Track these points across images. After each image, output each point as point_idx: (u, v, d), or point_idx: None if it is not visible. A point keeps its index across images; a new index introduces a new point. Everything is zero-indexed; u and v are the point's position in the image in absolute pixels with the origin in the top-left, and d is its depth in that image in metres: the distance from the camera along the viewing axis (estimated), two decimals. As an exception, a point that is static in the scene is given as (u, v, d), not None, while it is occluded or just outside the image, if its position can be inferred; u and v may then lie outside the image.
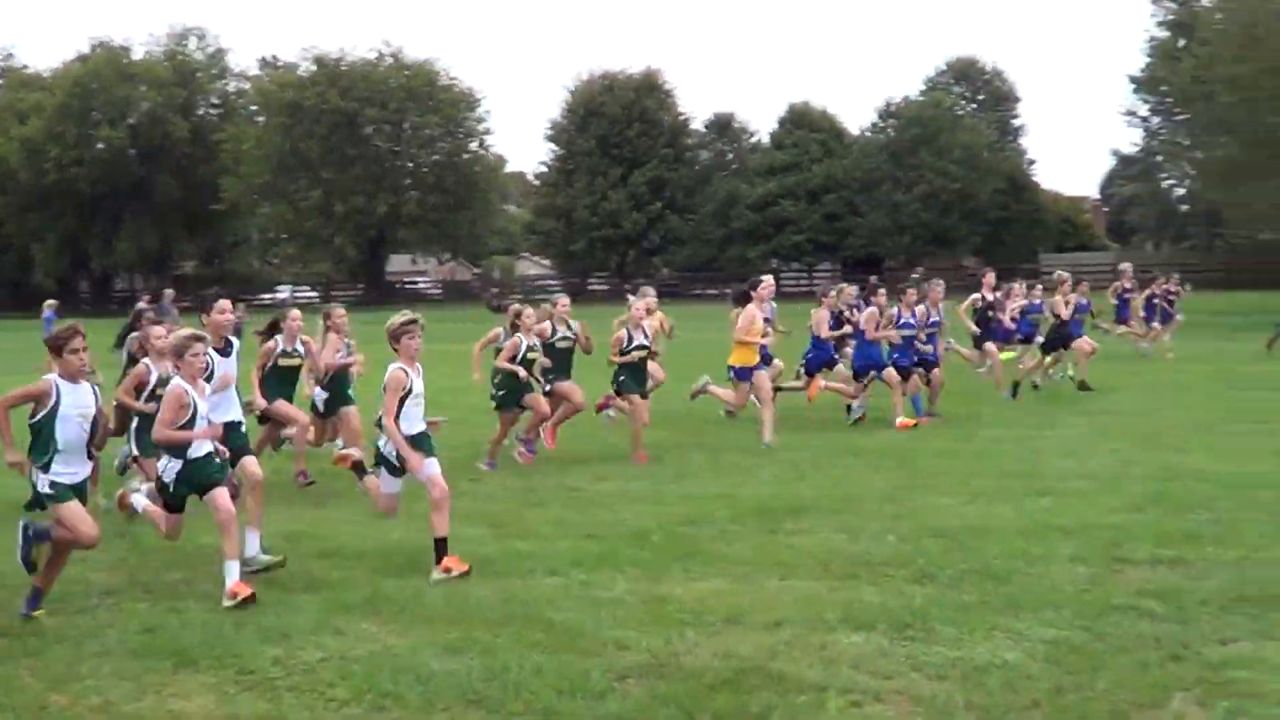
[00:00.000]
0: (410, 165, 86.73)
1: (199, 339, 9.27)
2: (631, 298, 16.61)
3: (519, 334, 14.94)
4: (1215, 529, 10.24)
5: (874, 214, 77.81)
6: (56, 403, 8.46)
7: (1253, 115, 49.92)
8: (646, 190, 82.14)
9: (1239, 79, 48.53)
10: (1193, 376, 22.06)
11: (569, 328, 15.86)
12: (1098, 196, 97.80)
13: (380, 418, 9.82)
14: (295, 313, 14.10)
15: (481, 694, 6.77)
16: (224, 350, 10.97)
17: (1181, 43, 63.20)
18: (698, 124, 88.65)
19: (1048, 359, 22.20)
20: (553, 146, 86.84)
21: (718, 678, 6.89)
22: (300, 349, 13.94)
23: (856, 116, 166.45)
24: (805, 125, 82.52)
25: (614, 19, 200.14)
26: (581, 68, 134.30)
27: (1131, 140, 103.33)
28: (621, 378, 15.62)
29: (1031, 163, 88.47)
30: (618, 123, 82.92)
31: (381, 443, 9.91)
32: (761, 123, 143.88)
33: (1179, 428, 16.81)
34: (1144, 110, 74.07)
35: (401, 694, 6.81)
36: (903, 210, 77.11)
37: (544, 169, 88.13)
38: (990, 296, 22.46)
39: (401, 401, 9.70)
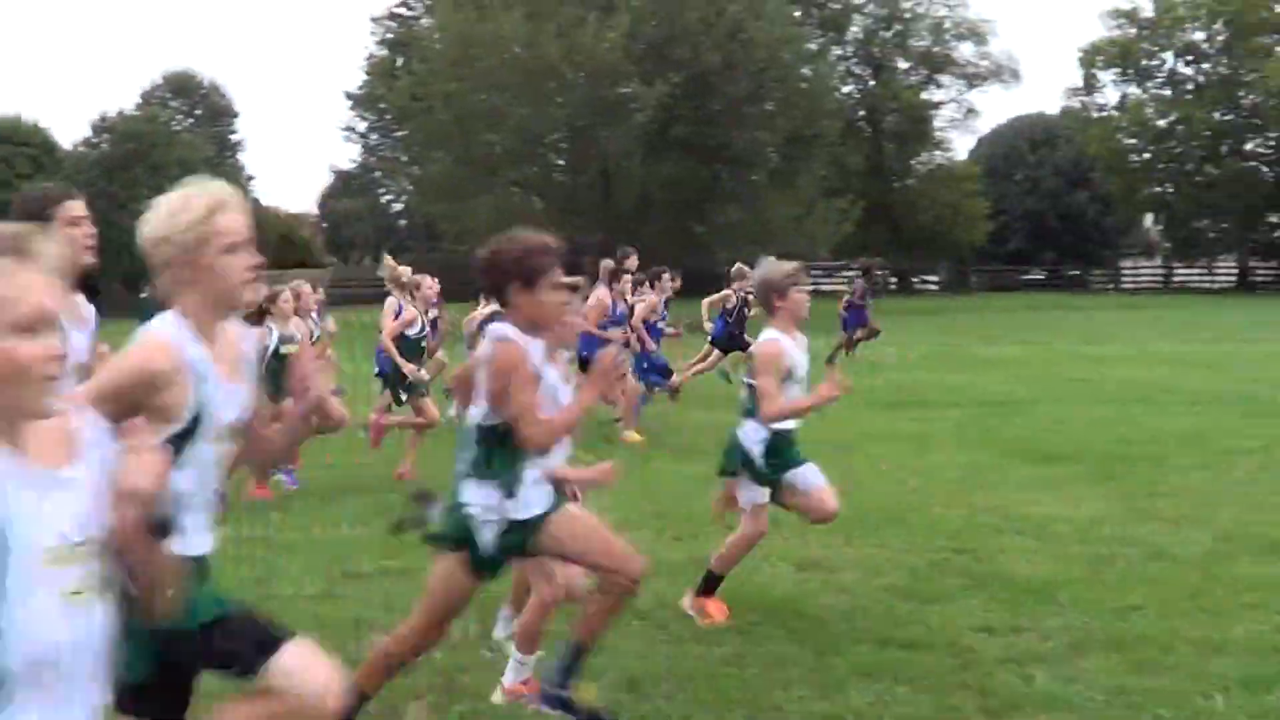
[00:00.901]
0: None
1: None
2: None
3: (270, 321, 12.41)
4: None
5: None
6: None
7: (467, 132, 52.93)
8: None
9: (455, 96, 51.27)
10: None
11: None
12: (317, 212, 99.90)
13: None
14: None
15: None
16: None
17: (400, 61, 65.94)
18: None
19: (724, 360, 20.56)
20: None
21: None
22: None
23: (71, 131, 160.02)
24: (14, 140, 78.96)
25: None
26: None
27: (350, 156, 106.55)
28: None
29: (250, 179, 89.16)
30: None
31: (747, 435, 7.57)
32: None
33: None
34: (363, 127, 76.71)
35: None
36: (115, 227, 75.39)
37: None
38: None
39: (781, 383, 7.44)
